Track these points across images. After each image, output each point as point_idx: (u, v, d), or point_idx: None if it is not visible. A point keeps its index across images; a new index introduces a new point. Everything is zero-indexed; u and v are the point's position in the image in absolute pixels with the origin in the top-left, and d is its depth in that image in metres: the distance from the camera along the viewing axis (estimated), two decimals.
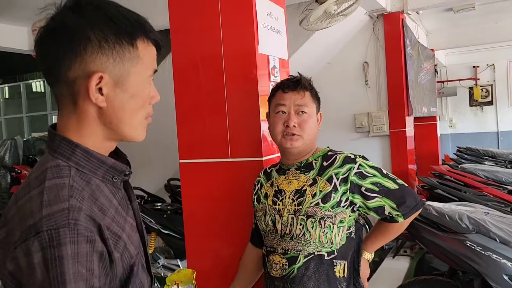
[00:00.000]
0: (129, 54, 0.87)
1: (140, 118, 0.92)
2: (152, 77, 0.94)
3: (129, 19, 0.87)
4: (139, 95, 0.89)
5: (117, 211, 0.89)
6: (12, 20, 5.23)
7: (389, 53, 5.10)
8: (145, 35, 0.89)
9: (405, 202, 1.54)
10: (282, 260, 1.58)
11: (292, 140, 1.59)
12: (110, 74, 0.85)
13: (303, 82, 1.62)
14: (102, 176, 0.89)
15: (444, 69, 9.76)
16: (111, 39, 0.84)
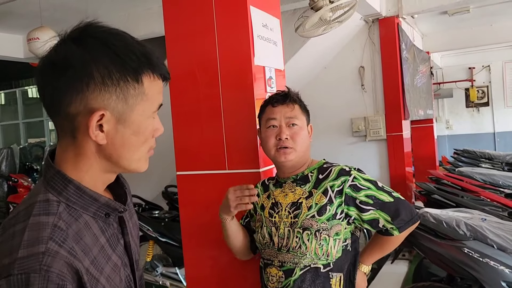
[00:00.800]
0: (134, 90, 0.84)
1: (142, 153, 0.90)
2: (156, 113, 0.91)
3: (136, 53, 0.84)
4: (141, 132, 0.87)
5: (102, 250, 0.86)
6: (8, 29, 5.23)
7: (385, 57, 5.11)
8: (151, 69, 0.86)
9: (399, 216, 1.54)
10: (279, 273, 1.58)
11: (286, 153, 1.59)
12: (113, 112, 0.83)
13: (292, 95, 1.64)
14: (93, 212, 0.87)
15: (440, 71, 9.80)
16: (115, 76, 0.82)
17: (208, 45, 1.96)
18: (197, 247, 2.09)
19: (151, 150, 0.93)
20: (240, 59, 1.91)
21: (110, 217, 0.90)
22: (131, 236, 0.98)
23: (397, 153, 5.17)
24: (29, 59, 5.88)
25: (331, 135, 5.37)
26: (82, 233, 0.83)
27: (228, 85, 1.95)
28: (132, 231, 1.00)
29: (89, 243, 0.83)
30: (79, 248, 0.81)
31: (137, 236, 1.05)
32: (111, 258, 0.88)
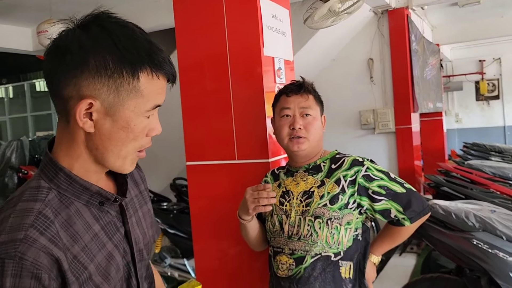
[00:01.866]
0: (128, 85, 0.83)
1: (129, 151, 0.88)
2: (154, 111, 0.90)
3: (138, 48, 0.83)
4: (130, 128, 0.86)
5: (95, 237, 0.87)
6: (16, 21, 5.26)
7: (394, 49, 5.08)
8: (152, 67, 0.85)
9: (411, 206, 1.56)
10: (289, 261, 1.59)
11: (299, 143, 1.60)
12: (103, 102, 0.83)
13: (306, 86, 1.65)
14: (86, 200, 0.88)
15: (450, 63, 9.71)
16: (110, 67, 0.82)
17: (218, 35, 1.97)
18: (207, 240, 2.11)
19: (143, 151, 0.92)
20: (249, 49, 1.91)
21: (104, 205, 0.90)
22: (137, 225, 0.98)
23: (406, 146, 5.15)
24: (38, 52, 5.92)
25: (339, 127, 5.36)
26: (72, 220, 0.84)
27: (237, 76, 1.95)
28: (142, 220, 1.01)
29: (79, 230, 0.84)
30: (68, 234, 0.82)
31: (150, 224, 1.05)
32: (105, 246, 0.89)
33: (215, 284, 2.11)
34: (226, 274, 2.08)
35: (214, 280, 2.11)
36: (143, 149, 0.92)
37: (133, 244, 0.95)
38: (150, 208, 1.08)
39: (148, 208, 1.07)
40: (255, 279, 1.95)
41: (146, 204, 1.07)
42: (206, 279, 2.14)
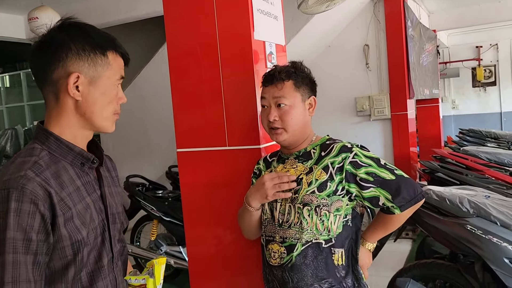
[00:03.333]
0: (101, 61, 1.12)
1: (109, 112, 1.15)
2: (120, 82, 1.17)
3: (103, 36, 1.13)
4: (108, 93, 1.13)
5: (78, 190, 1.10)
6: (8, 9, 5.19)
7: (390, 35, 5.05)
8: (114, 49, 1.14)
9: (400, 194, 1.50)
10: (281, 249, 1.58)
11: (277, 134, 1.59)
12: (86, 75, 1.10)
13: (279, 74, 1.58)
14: (71, 160, 1.11)
15: (447, 50, 9.67)
16: (87, 49, 1.10)
17: (207, 20, 1.93)
18: (198, 227, 2.09)
19: (117, 114, 1.18)
20: (239, 33, 1.87)
21: (85, 166, 1.13)
22: (110, 196, 1.21)
23: (401, 133, 5.15)
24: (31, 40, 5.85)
25: (335, 114, 5.34)
26: (60, 173, 1.07)
27: (227, 61, 1.92)
28: (114, 195, 1.24)
29: (66, 181, 1.07)
30: (57, 182, 1.05)
31: (120, 203, 1.26)
32: (84, 199, 1.11)
33: (208, 271, 2.11)
34: (219, 261, 2.07)
35: (207, 267, 2.11)
36: (118, 113, 1.18)
37: (107, 205, 1.17)
38: (120, 193, 1.30)
39: (118, 191, 1.29)
40: (248, 266, 1.95)
41: (117, 187, 1.29)
42: (199, 266, 2.14)
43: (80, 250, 1.07)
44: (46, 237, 1.00)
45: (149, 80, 5.50)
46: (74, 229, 1.05)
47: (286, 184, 1.54)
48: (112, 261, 1.17)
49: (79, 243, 1.06)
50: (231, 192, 1.94)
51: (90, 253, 1.10)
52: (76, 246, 1.05)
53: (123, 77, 1.17)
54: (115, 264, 1.19)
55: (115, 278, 1.18)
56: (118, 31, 6.65)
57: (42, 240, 1.00)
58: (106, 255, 1.15)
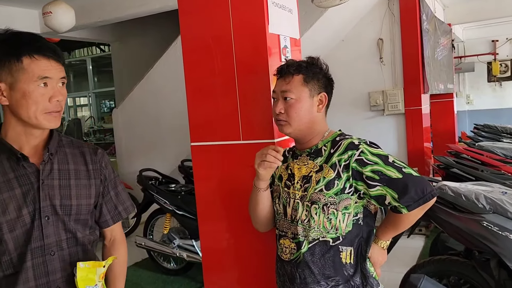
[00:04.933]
0: (16, 67, 1.22)
1: (36, 111, 1.24)
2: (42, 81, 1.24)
3: (20, 42, 1.23)
4: (27, 95, 1.23)
5: (8, 181, 1.25)
6: (23, 3, 5.23)
7: (405, 29, 4.98)
8: (29, 53, 1.22)
9: (407, 193, 1.44)
10: (292, 244, 1.57)
11: (281, 125, 1.60)
12: (5, 82, 1.23)
13: (288, 68, 1.57)
14: (7, 155, 1.28)
15: (462, 44, 9.53)
16: (2, 58, 1.22)
17: (222, 13, 1.92)
18: (211, 220, 2.10)
19: (53, 112, 1.26)
20: (254, 27, 1.86)
21: (21, 162, 1.27)
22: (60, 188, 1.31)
23: (415, 128, 5.10)
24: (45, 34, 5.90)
25: (348, 109, 5.31)
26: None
27: (242, 54, 1.91)
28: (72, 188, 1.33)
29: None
30: None
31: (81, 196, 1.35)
32: (13, 189, 1.25)
33: (221, 264, 2.12)
34: (232, 254, 2.08)
35: (220, 260, 2.12)
36: (52, 111, 1.26)
37: (41, 197, 1.27)
38: (93, 185, 1.39)
39: (90, 184, 1.38)
40: (261, 260, 1.95)
41: (90, 180, 1.38)
42: (212, 259, 2.14)
43: (0, 235, 1.23)
44: None
45: (162, 74, 5.52)
46: None
47: (271, 156, 1.53)
48: (43, 248, 1.28)
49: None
50: (245, 186, 1.93)
51: (16, 238, 1.24)
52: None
53: (47, 77, 1.24)
54: (48, 251, 1.28)
55: (46, 264, 1.28)
56: (132, 26, 6.69)
57: None
58: (34, 242, 1.26)
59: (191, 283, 3.94)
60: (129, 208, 1.53)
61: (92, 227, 1.42)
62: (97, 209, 1.44)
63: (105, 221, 1.46)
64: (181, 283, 3.96)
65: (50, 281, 1.29)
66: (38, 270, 1.28)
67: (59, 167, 1.33)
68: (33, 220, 1.26)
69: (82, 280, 1.28)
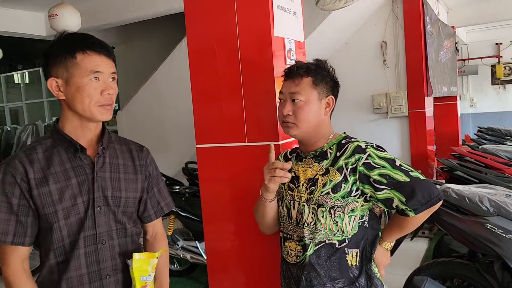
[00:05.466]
0: (71, 63, 1.31)
1: (88, 104, 1.32)
2: (95, 75, 1.32)
3: (74, 40, 1.33)
4: (81, 89, 1.31)
5: (65, 171, 1.33)
6: (29, 6, 5.27)
7: (409, 31, 4.99)
8: (82, 49, 1.31)
9: (415, 196, 1.46)
10: (297, 247, 1.58)
11: (288, 127, 1.60)
12: (62, 77, 1.33)
13: (299, 69, 1.58)
14: (66, 146, 1.36)
15: (466, 46, 9.52)
16: (59, 54, 1.31)
17: (227, 16, 1.94)
18: (216, 222, 2.11)
19: (105, 105, 1.34)
20: (259, 30, 1.88)
21: (77, 153, 1.36)
22: (111, 180, 1.38)
23: (419, 130, 5.10)
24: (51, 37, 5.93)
25: (351, 112, 5.32)
26: (53, 156, 1.34)
27: (247, 57, 1.93)
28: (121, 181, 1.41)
29: (54, 162, 1.33)
30: (46, 162, 1.33)
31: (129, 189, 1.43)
32: (70, 178, 1.33)
33: (226, 266, 2.13)
34: (237, 256, 2.09)
35: (225, 261, 2.13)
36: (104, 104, 1.34)
37: (95, 187, 1.35)
38: (139, 180, 1.47)
39: (137, 178, 1.46)
40: (266, 262, 1.96)
41: (136, 175, 1.46)
42: (217, 260, 2.16)
43: (55, 221, 1.30)
44: (27, 203, 1.30)
45: (167, 76, 5.54)
46: (49, 202, 1.30)
47: (280, 170, 1.53)
48: (95, 237, 1.35)
49: (53, 215, 1.30)
50: (250, 188, 1.95)
51: (69, 225, 1.32)
52: (52, 217, 1.30)
53: (98, 71, 1.32)
54: (100, 239, 1.35)
55: (97, 252, 1.35)
56: (137, 28, 6.72)
57: (23, 205, 1.30)
58: (87, 230, 1.33)
59: (195, 285, 3.96)
60: (170, 204, 1.60)
61: (135, 220, 1.49)
62: (141, 204, 1.51)
63: (149, 216, 1.53)
64: (185, 284, 3.97)
65: (101, 269, 1.36)
66: (90, 258, 1.34)
67: (110, 161, 1.41)
68: (87, 210, 1.33)
69: (137, 271, 1.35)
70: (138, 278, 1.35)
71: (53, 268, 1.33)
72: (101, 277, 1.36)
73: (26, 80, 14.46)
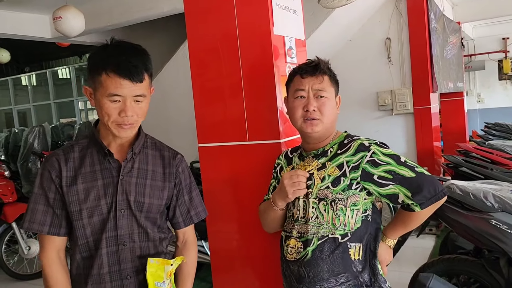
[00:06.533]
0: (98, 79, 1.35)
1: (107, 121, 1.36)
2: (114, 98, 1.34)
3: (100, 59, 1.35)
4: (100, 106, 1.37)
5: (93, 171, 1.40)
6: (33, 9, 5.31)
7: (413, 28, 4.96)
8: (106, 70, 1.33)
9: (421, 192, 1.48)
10: (298, 244, 1.59)
11: (313, 125, 1.58)
12: (92, 87, 1.39)
13: (322, 67, 1.61)
14: (98, 149, 1.43)
15: (472, 42, 9.44)
16: (92, 67, 1.38)
17: (227, 16, 1.95)
18: (219, 221, 2.12)
19: (122, 125, 1.36)
20: (259, 28, 1.88)
21: (107, 157, 1.42)
22: (136, 185, 1.42)
23: (424, 127, 5.07)
24: (56, 39, 5.98)
25: (356, 109, 5.30)
26: (86, 156, 1.42)
27: (247, 56, 1.93)
28: (147, 187, 1.44)
29: (86, 163, 1.41)
30: (79, 161, 1.41)
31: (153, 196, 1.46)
32: (96, 180, 1.40)
33: (230, 265, 2.14)
34: (241, 256, 2.10)
35: (229, 261, 2.13)
36: (121, 124, 1.36)
37: (118, 191, 1.40)
38: (167, 188, 1.49)
39: (164, 186, 1.48)
40: (270, 260, 1.96)
41: (164, 183, 1.48)
42: (221, 260, 2.16)
43: (79, 219, 1.38)
44: (60, 198, 1.39)
45: (171, 77, 5.56)
46: (75, 200, 1.38)
47: (304, 183, 1.55)
48: (116, 238, 1.39)
49: (78, 213, 1.37)
50: (252, 187, 1.96)
51: (92, 224, 1.38)
52: (76, 215, 1.38)
53: (117, 94, 1.33)
54: (121, 241, 1.40)
55: (118, 253, 1.40)
56: (141, 29, 6.75)
57: (58, 199, 1.39)
58: (109, 231, 1.39)
59: (201, 284, 3.97)
60: (200, 214, 1.60)
61: (160, 226, 1.50)
62: (170, 211, 1.54)
63: (177, 223, 1.55)
64: None
65: (121, 269, 1.40)
66: (111, 258, 1.39)
67: (139, 166, 1.45)
68: (109, 211, 1.39)
69: (152, 276, 1.37)
70: (152, 283, 1.37)
71: (79, 264, 1.41)
72: (122, 277, 1.40)
73: (33, 83, 14.59)
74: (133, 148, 1.44)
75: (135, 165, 1.44)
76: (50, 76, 13.57)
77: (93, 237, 1.39)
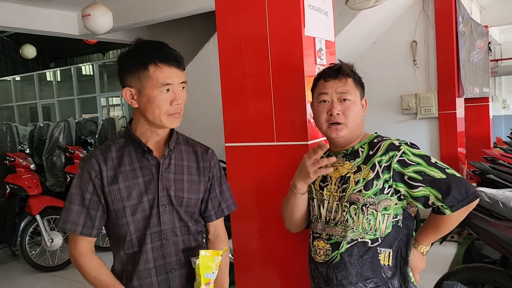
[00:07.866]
0: (143, 74, 1.37)
1: (158, 114, 1.39)
2: (166, 88, 1.38)
3: (146, 52, 1.38)
4: (151, 100, 1.38)
5: (133, 170, 1.43)
6: (62, 6, 5.41)
7: (440, 31, 4.89)
8: (154, 62, 1.36)
9: (451, 193, 1.44)
10: (326, 246, 1.58)
11: (337, 130, 1.57)
12: (135, 87, 1.40)
13: (344, 69, 1.58)
14: (135, 147, 1.46)
15: (499, 46, 9.26)
16: (134, 66, 1.38)
17: (258, 16, 1.94)
18: (244, 221, 2.12)
19: (175, 114, 1.41)
20: (290, 29, 1.87)
21: (145, 154, 1.44)
22: (174, 181, 1.45)
23: (449, 132, 4.99)
24: (83, 36, 6.08)
25: (380, 112, 5.25)
26: (124, 155, 1.45)
27: (277, 57, 1.92)
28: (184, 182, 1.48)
29: (125, 162, 1.44)
30: (118, 160, 1.43)
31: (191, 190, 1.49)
32: (137, 177, 1.43)
33: (253, 265, 2.14)
34: (264, 256, 2.09)
35: (252, 261, 2.13)
36: (173, 113, 1.41)
37: (159, 187, 1.43)
38: (202, 182, 1.53)
39: (200, 180, 1.52)
40: (294, 261, 1.96)
41: (199, 177, 1.52)
42: (244, 260, 2.16)
43: (122, 216, 1.41)
44: (98, 199, 1.41)
45: (194, 75, 5.59)
46: (118, 199, 1.40)
47: (325, 159, 1.53)
48: (160, 233, 1.43)
49: (121, 211, 1.40)
50: (278, 188, 1.95)
51: (136, 221, 1.41)
52: (120, 212, 1.40)
53: (169, 83, 1.37)
54: (164, 236, 1.43)
55: (162, 248, 1.43)
56: (166, 27, 6.81)
57: (95, 200, 1.41)
58: (152, 227, 1.42)
59: None
60: (231, 206, 1.64)
61: (197, 220, 1.55)
62: (203, 204, 1.57)
63: (209, 216, 1.58)
64: None
65: (166, 263, 1.44)
66: (156, 253, 1.43)
67: (175, 162, 1.49)
68: (152, 207, 1.42)
69: (203, 267, 1.39)
70: (203, 274, 1.39)
71: (124, 260, 1.45)
72: (167, 271, 1.45)
73: (58, 78, 14.86)
74: (169, 144, 1.47)
75: (172, 161, 1.48)
76: (74, 72, 13.79)
77: (137, 233, 1.42)
